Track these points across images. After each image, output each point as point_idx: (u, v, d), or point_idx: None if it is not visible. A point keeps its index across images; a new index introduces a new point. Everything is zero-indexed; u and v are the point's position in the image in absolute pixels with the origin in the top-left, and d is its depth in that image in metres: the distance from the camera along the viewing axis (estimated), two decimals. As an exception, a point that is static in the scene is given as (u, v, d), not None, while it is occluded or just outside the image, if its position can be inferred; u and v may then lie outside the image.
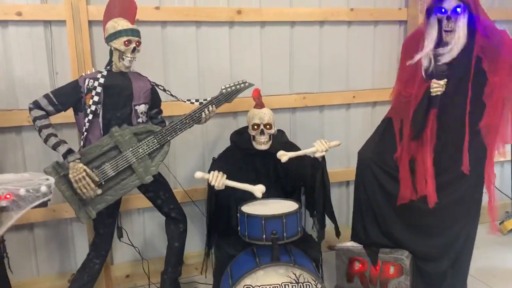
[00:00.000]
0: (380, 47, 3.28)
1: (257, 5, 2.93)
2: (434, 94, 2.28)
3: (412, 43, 2.51)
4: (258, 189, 2.26)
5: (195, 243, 3.03)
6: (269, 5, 2.95)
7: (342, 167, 3.34)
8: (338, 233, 2.52)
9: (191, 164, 2.96)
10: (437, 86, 2.25)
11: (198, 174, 2.22)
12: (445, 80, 2.25)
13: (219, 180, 2.21)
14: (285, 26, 3.03)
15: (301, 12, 3.01)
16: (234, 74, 2.95)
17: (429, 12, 2.36)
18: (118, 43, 2.19)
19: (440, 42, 2.33)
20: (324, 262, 2.56)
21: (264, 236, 2.14)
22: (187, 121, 2.30)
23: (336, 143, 2.40)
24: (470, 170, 2.34)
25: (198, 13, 2.79)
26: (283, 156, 2.34)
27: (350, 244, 2.63)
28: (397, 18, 3.26)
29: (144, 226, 2.96)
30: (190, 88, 2.88)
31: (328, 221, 2.50)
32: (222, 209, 2.39)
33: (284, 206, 2.30)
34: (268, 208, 2.27)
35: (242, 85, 2.42)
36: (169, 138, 2.27)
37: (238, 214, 2.26)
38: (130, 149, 2.21)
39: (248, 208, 2.27)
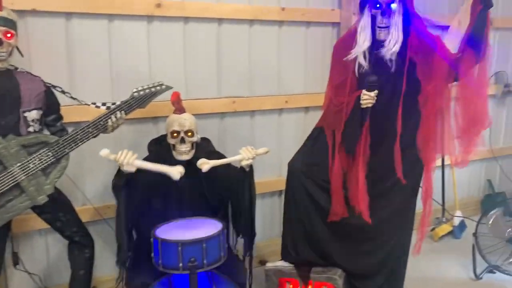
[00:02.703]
0: (312, 49, 3.11)
1: (179, -1, 2.63)
2: (364, 107, 2.11)
3: (344, 45, 2.34)
4: (176, 170, 1.98)
5: (108, 266, 2.67)
6: (193, -1, 2.67)
7: (274, 176, 3.14)
8: (250, 262, 2.30)
9: (102, 178, 2.60)
10: (368, 98, 2.09)
11: (104, 151, 1.90)
12: (376, 91, 2.09)
13: (129, 157, 1.91)
14: (212, 23, 2.76)
15: (229, 8, 2.75)
16: (154, 75, 2.62)
17: (362, 7, 2.19)
18: None
19: (374, 41, 2.16)
20: (256, 279, 2.35)
21: (180, 264, 1.85)
22: (90, 129, 1.96)
23: (264, 151, 2.20)
24: (405, 183, 2.22)
25: (111, 4, 2.44)
26: (204, 164, 2.08)
27: (280, 263, 2.43)
28: (330, 20, 3.11)
29: (47, 250, 2.55)
30: (102, 90, 2.51)
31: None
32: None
33: (206, 227, 2.03)
34: (188, 231, 1.99)
35: (158, 87, 2.12)
36: (67, 151, 1.92)
37: (152, 239, 1.96)
38: (18, 164, 1.84)
39: (164, 232, 1.98)
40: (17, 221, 2.26)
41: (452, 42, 2.45)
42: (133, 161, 1.94)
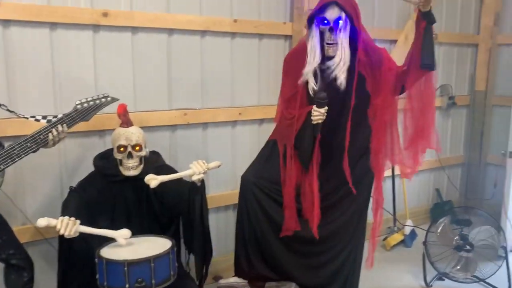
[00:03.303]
0: (265, 61, 3.10)
1: (127, 8, 2.55)
2: (315, 123, 2.12)
3: (295, 59, 2.35)
4: (121, 236, 1.90)
5: (51, 289, 2.51)
6: (142, 8, 2.59)
7: (228, 189, 3.08)
8: (202, 279, 2.25)
9: (44, 194, 2.44)
10: (318, 115, 2.10)
11: (42, 222, 1.78)
12: (326, 108, 2.10)
13: (70, 228, 1.78)
14: (162, 33, 2.69)
15: (180, 19, 2.70)
16: (100, 87, 2.51)
17: (310, 23, 2.20)
18: None
19: (323, 57, 2.17)
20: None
21: (127, 285, 1.76)
22: (29, 144, 1.84)
23: (216, 164, 2.15)
24: (356, 193, 2.23)
25: (53, 13, 2.31)
26: (152, 180, 2.01)
27: (234, 279, 2.37)
28: (282, 33, 3.12)
29: (-18, 274, 2.36)
30: (43, 102, 2.37)
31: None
32: (78, 253, 1.96)
33: (154, 245, 1.94)
34: (135, 250, 1.90)
35: (102, 99, 2.03)
36: (2, 167, 1.79)
37: (96, 259, 1.85)
38: None
39: (109, 251, 1.87)
40: None
41: (398, 56, 2.52)
42: (75, 230, 1.82)
